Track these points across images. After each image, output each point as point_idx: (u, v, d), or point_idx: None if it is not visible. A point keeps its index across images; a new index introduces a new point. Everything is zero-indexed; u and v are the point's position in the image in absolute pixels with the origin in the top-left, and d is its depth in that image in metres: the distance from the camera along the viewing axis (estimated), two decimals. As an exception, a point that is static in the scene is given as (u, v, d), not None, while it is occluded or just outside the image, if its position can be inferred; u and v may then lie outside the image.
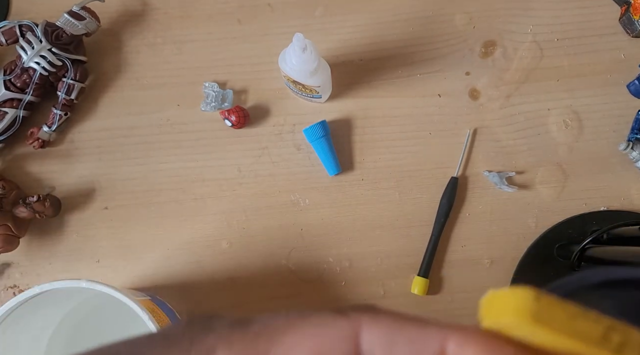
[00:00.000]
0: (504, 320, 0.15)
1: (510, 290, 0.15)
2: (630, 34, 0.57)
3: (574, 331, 0.14)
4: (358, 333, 0.15)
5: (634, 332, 0.14)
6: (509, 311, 0.14)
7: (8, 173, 0.57)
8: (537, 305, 0.14)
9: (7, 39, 0.54)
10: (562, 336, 0.14)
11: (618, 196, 0.55)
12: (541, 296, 0.14)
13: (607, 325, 0.14)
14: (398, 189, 0.56)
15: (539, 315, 0.14)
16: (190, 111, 0.58)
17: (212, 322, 0.17)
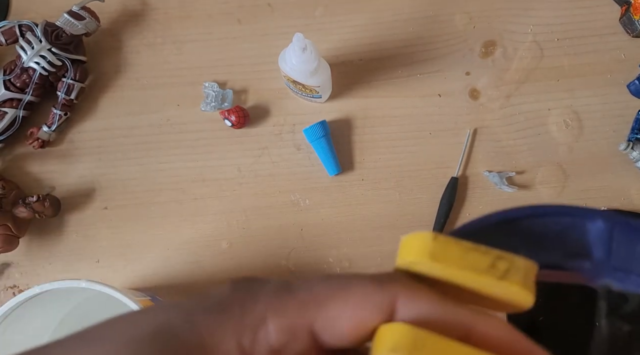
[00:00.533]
0: (409, 258, 0.17)
1: (415, 233, 0.17)
2: (630, 34, 0.57)
3: (466, 263, 0.16)
4: (395, 305, 0.16)
5: (518, 259, 0.16)
6: (412, 251, 0.17)
7: (8, 173, 0.57)
8: (433, 244, 0.16)
9: (7, 39, 0.54)
10: (456, 268, 0.16)
11: (618, 196, 0.55)
12: (438, 236, 0.17)
13: (495, 255, 0.16)
14: (398, 189, 0.56)
15: (434, 253, 0.16)
16: (190, 111, 0.58)
17: (257, 287, 0.18)
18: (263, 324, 0.16)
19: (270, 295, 0.17)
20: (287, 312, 0.16)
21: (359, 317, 0.16)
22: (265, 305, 0.17)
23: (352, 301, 0.16)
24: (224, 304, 0.17)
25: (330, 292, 0.17)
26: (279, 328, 0.16)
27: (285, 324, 0.16)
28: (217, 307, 0.17)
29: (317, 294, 0.17)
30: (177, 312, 0.16)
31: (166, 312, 0.16)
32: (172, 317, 0.16)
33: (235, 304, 0.17)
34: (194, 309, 0.17)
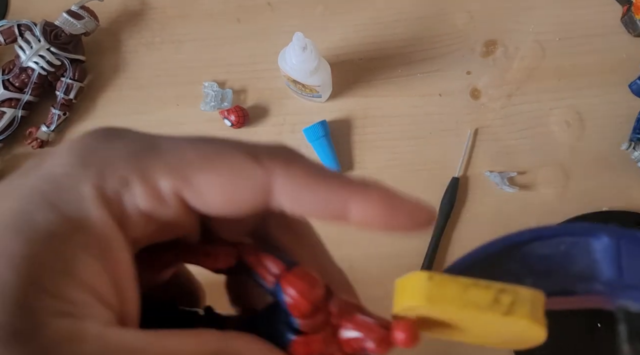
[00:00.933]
0: (406, 304, 0.16)
1: (408, 275, 0.16)
2: (632, 34, 0.56)
3: (466, 301, 0.15)
4: (271, 183, 0.15)
5: (523, 290, 0.15)
6: (407, 296, 0.16)
7: (7, 173, 0.57)
8: (429, 286, 0.15)
9: (6, 39, 0.54)
10: (457, 308, 0.15)
11: (620, 196, 0.55)
12: (434, 276, 0.15)
13: (497, 289, 0.15)
14: (398, 189, 0.56)
15: (431, 295, 0.15)
16: (190, 111, 0.57)
17: (115, 141, 0.15)
18: (127, 187, 0.14)
19: (132, 154, 0.15)
20: (152, 176, 0.15)
21: (229, 192, 0.15)
22: (127, 165, 0.15)
23: (222, 174, 0.15)
24: (82, 160, 0.15)
25: (199, 160, 0.15)
26: (143, 192, 0.14)
27: (151, 188, 0.15)
28: (78, 171, 0.14)
29: (185, 160, 0.15)
30: (30, 194, 0.14)
31: (18, 195, 0.14)
32: (26, 202, 0.14)
33: (93, 166, 0.14)
34: (46, 184, 0.14)
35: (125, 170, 0.15)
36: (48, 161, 0.15)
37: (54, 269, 0.13)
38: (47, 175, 0.14)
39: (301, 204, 0.15)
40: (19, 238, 0.13)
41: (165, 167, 0.15)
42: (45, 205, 0.14)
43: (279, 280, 0.16)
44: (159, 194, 0.15)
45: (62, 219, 0.13)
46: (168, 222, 0.15)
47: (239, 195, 0.15)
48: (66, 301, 0.13)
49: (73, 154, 0.15)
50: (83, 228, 0.14)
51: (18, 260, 0.12)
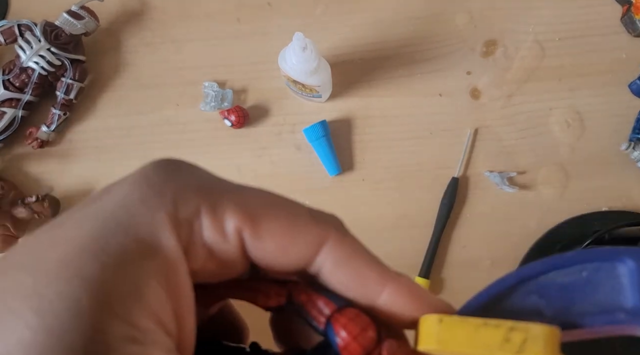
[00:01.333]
0: (421, 347, 0.16)
1: (424, 317, 0.16)
2: (631, 34, 0.56)
3: (477, 343, 0.15)
4: (322, 245, 0.16)
5: (534, 327, 0.14)
6: (421, 338, 0.16)
7: (7, 173, 0.57)
8: (439, 329, 0.15)
9: (6, 39, 0.54)
10: (468, 350, 0.15)
11: (620, 196, 0.55)
12: (444, 318, 0.16)
13: (507, 327, 0.15)
14: (399, 189, 0.56)
15: (442, 338, 0.15)
16: (190, 111, 0.57)
17: (187, 174, 0.16)
18: (197, 218, 0.15)
19: (205, 187, 0.16)
20: (220, 211, 0.15)
21: (285, 242, 0.16)
22: (199, 197, 0.15)
23: (283, 224, 0.16)
24: (156, 188, 0.15)
25: (264, 205, 0.16)
26: (210, 225, 0.15)
27: (217, 223, 0.15)
28: (152, 199, 0.15)
29: (251, 202, 0.16)
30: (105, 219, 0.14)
31: (93, 220, 0.14)
32: (102, 227, 0.14)
33: (167, 195, 0.15)
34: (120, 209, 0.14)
35: (197, 201, 0.15)
36: (122, 188, 0.15)
37: (126, 294, 0.13)
38: (122, 201, 0.15)
39: (341, 274, 0.16)
40: (95, 262, 0.13)
41: (233, 205, 0.15)
42: (120, 230, 0.14)
43: (331, 320, 0.16)
44: (224, 229, 0.15)
45: (135, 244, 0.14)
46: (225, 260, 0.16)
47: (292, 247, 0.16)
48: (135, 327, 0.13)
49: (147, 182, 0.15)
50: (154, 254, 0.14)
51: (94, 284, 0.13)
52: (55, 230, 0.14)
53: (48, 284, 0.12)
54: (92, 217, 0.14)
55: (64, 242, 0.13)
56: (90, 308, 0.12)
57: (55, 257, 0.13)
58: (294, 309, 0.17)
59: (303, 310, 0.17)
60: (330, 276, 0.16)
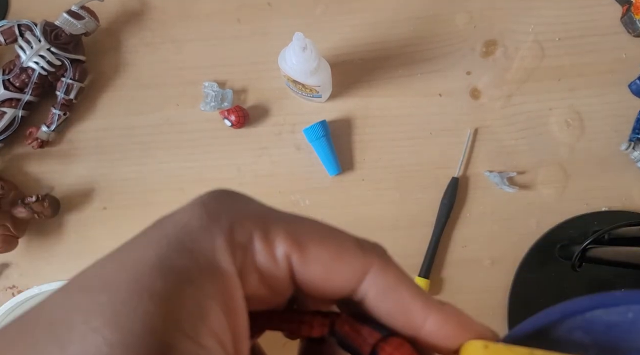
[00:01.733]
0: None
1: (469, 342, 0.16)
2: (631, 34, 0.56)
3: None
4: (366, 272, 0.16)
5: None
6: None
7: (7, 173, 0.57)
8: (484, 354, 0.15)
9: (6, 39, 0.54)
10: None
11: (619, 196, 0.55)
12: (489, 345, 0.15)
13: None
14: (399, 189, 0.56)
15: None
16: (190, 111, 0.57)
17: (242, 203, 0.17)
18: (251, 246, 0.16)
19: (257, 215, 0.16)
20: (272, 237, 0.16)
21: (332, 269, 0.16)
22: (252, 224, 0.16)
23: (330, 251, 0.16)
24: (214, 214, 0.16)
25: (312, 232, 0.16)
26: (263, 250, 0.16)
27: (269, 249, 0.16)
28: (211, 226, 0.16)
29: (299, 231, 0.16)
30: (170, 242, 0.15)
31: (159, 243, 0.15)
32: (167, 249, 0.15)
33: (224, 221, 0.16)
34: (182, 234, 0.15)
35: (250, 228, 0.16)
36: (183, 215, 0.16)
37: (192, 313, 0.14)
38: (184, 227, 0.16)
39: (385, 302, 0.16)
40: (163, 280, 0.14)
41: (283, 231, 0.16)
42: (184, 253, 0.15)
43: (376, 349, 0.16)
44: (274, 254, 0.16)
45: (198, 266, 0.14)
46: (274, 286, 0.16)
47: (338, 273, 0.16)
48: (200, 346, 0.13)
49: (206, 210, 0.16)
50: (214, 277, 0.15)
51: (163, 301, 0.13)
52: (122, 253, 0.15)
53: (123, 302, 0.13)
54: (156, 240, 0.15)
55: (133, 263, 0.14)
56: (161, 324, 0.13)
57: (126, 277, 0.14)
58: (337, 338, 0.17)
59: (347, 339, 0.17)
60: (374, 303, 0.17)
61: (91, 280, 0.14)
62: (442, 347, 0.16)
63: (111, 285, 0.14)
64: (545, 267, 0.53)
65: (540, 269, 0.54)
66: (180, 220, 0.16)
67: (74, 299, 0.14)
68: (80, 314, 0.13)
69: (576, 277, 0.53)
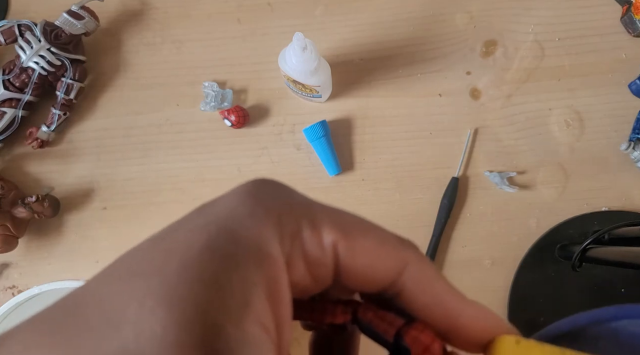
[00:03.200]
0: None
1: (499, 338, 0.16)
2: (631, 34, 0.56)
3: None
4: (405, 266, 0.17)
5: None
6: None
7: (7, 173, 0.57)
8: (515, 350, 0.15)
9: (6, 39, 0.54)
10: None
11: (619, 196, 0.55)
12: (521, 341, 0.16)
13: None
14: (399, 189, 0.56)
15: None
16: (190, 111, 0.57)
17: (286, 195, 0.17)
18: (299, 234, 0.16)
19: (303, 204, 0.17)
20: (320, 226, 0.16)
21: (375, 259, 0.17)
22: (300, 213, 0.16)
23: (375, 241, 0.17)
24: (262, 203, 0.16)
25: (357, 223, 0.17)
26: (311, 239, 0.16)
27: (317, 238, 0.16)
28: (260, 213, 0.16)
29: (345, 221, 0.17)
30: (218, 228, 0.15)
31: (206, 228, 0.15)
32: (215, 235, 0.15)
33: (272, 210, 0.16)
34: (230, 220, 0.16)
35: (298, 217, 0.16)
36: (229, 201, 0.16)
37: (238, 299, 0.14)
38: (231, 213, 0.16)
39: (423, 295, 0.17)
40: (212, 265, 0.14)
41: (329, 221, 0.16)
42: (232, 239, 0.15)
43: (401, 332, 0.16)
44: (322, 243, 0.16)
45: (246, 252, 0.15)
46: (319, 274, 0.16)
47: (381, 265, 0.17)
48: (244, 331, 0.14)
49: (252, 197, 0.16)
50: (261, 263, 0.15)
51: (211, 284, 0.14)
52: (169, 237, 0.15)
53: (175, 286, 0.13)
54: (204, 225, 0.15)
55: (181, 247, 0.14)
56: (210, 308, 0.13)
57: (176, 262, 0.14)
58: (360, 325, 0.18)
59: (371, 325, 0.17)
60: (411, 296, 0.17)
61: (140, 264, 0.14)
62: (475, 339, 0.17)
63: (161, 270, 0.14)
64: (545, 267, 0.54)
65: (540, 269, 0.54)
66: (227, 206, 0.16)
67: (124, 281, 0.14)
68: (133, 296, 0.13)
69: (576, 277, 0.53)
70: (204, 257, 0.14)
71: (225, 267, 0.14)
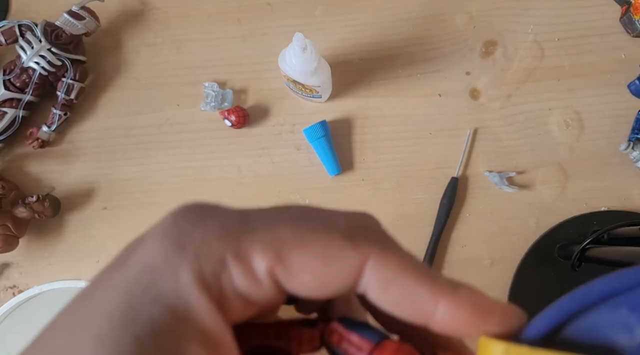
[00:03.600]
0: None
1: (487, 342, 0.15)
2: (630, 34, 0.56)
3: None
4: (363, 268, 0.15)
5: None
6: None
7: (7, 173, 0.57)
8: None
9: (7, 39, 0.54)
10: None
11: (619, 196, 0.55)
12: (511, 348, 0.14)
13: None
14: (398, 189, 0.56)
15: None
16: (190, 111, 0.58)
17: (209, 220, 0.15)
18: (225, 269, 0.14)
19: (227, 232, 0.15)
20: (248, 255, 0.14)
21: (322, 274, 0.15)
22: (222, 245, 0.14)
23: (317, 256, 0.15)
24: (177, 244, 0.15)
25: (293, 239, 0.15)
26: (240, 272, 0.14)
27: (247, 268, 0.14)
28: (175, 260, 0.14)
29: (279, 238, 0.15)
30: (132, 287, 0.14)
31: (120, 289, 0.14)
32: (130, 296, 0.14)
33: (189, 251, 0.14)
34: (146, 275, 0.14)
35: (221, 251, 0.14)
36: (145, 247, 0.15)
37: None
38: (146, 264, 0.14)
39: (388, 296, 0.15)
40: (129, 336, 0.13)
41: (260, 245, 0.15)
42: (148, 298, 0.14)
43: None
44: (255, 274, 0.14)
45: (165, 311, 0.13)
46: (262, 303, 0.15)
47: (331, 277, 0.15)
48: None
49: (168, 238, 0.15)
50: (186, 318, 0.13)
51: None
52: (85, 304, 0.14)
53: None
54: (118, 286, 0.14)
55: (96, 316, 0.13)
56: None
57: (90, 335, 0.13)
58: (328, 349, 0.16)
59: (339, 350, 0.16)
60: (377, 297, 0.15)
61: (58, 339, 0.13)
62: (460, 334, 0.15)
63: (78, 346, 0.13)
64: (545, 267, 0.54)
65: (539, 268, 0.54)
66: (142, 255, 0.15)
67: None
68: None
69: (576, 277, 0.53)
70: (119, 326, 0.13)
71: (146, 333, 0.13)
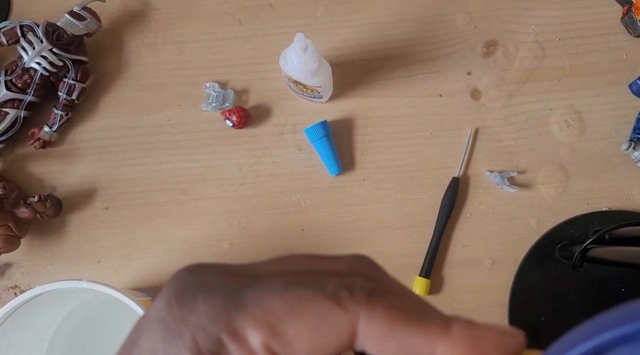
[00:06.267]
0: None
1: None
2: (632, 34, 0.56)
3: None
4: (355, 328, 0.15)
5: None
6: None
7: (9, 173, 0.57)
8: None
9: (8, 40, 0.54)
10: None
11: (620, 196, 0.55)
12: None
13: None
14: (399, 189, 0.56)
15: None
16: (191, 111, 0.58)
17: (201, 302, 0.16)
18: (222, 348, 0.15)
19: (220, 312, 0.16)
20: (242, 332, 0.15)
21: (316, 339, 0.15)
22: (217, 326, 0.15)
23: (308, 324, 0.15)
24: (174, 332, 0.16)
25: (284, 311, 0.15)
26: (238, 350, 0.15)
27: (243, 345, 0.15)
28: (172, 345, 0.15)
29: (270, 311, 0.15)
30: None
31: None
32: None
33: (186, 333, 0.15)
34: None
35: (216, 331, 0.15)
36: (145, 341, 0.16)
37: None
38: (149, 352, 0.15)
39: (385, 349, 0.16)
40: None
41: (252, 321, 0.15)
42: None
43: None
44: (251, 349, 0.15)
45: None
46: None
47: (325, 341, 0.16)
48: None
49: (165, 328, 0.16)
50: None
51: None
52: None
53: None
54: None
55: None
56: None
57: None
58: None
59: None
60: (376, 353, 0.16)
61: None
62: None
63: None
64: (546, 267, 0.54)
65: (540, 268, 0.54)
66: (145, 349, 0.16)
67: None
68: None
69: (577, 277, 0.53)
70: None
71: None
